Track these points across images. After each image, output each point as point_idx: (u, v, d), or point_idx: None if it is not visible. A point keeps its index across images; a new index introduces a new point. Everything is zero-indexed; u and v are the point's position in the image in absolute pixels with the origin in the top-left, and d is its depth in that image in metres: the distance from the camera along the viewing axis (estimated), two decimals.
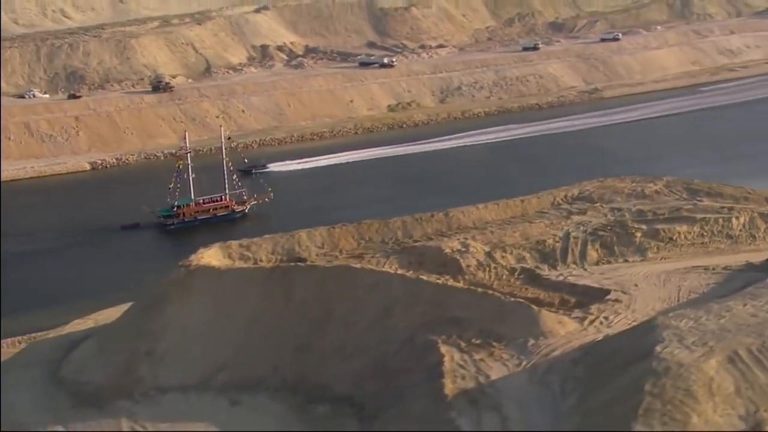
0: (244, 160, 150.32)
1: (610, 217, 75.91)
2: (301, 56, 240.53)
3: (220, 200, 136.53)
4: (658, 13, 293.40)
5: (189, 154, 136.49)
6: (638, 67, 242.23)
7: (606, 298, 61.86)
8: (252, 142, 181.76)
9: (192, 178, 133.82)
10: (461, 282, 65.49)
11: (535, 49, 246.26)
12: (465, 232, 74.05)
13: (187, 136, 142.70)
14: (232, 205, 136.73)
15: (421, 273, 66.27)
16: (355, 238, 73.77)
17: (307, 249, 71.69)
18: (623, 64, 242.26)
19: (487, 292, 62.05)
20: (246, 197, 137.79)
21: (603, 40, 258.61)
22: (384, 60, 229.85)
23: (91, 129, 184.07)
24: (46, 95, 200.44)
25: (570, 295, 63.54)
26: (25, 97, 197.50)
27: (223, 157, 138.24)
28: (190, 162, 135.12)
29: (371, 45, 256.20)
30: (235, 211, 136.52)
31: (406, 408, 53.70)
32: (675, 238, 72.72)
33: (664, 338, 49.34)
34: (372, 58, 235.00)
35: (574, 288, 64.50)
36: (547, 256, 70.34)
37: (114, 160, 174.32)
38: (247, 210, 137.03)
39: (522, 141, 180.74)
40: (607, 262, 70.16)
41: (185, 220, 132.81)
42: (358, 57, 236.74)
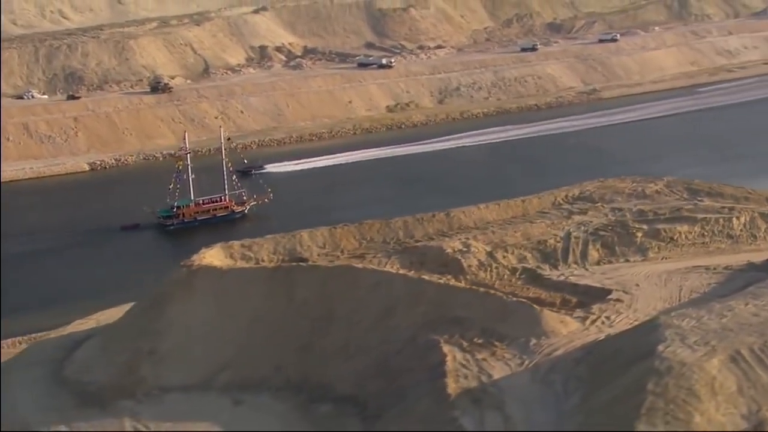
0: (244, 161, 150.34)
1: (611, 217, 75.87)
2: (299, 57, 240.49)
3: (220, 201, 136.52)
4: (655, 14, 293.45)
5: (188, 155, 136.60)
6: (636, 68, 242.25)
7: (607, 298, 61.82)
8: (251, 143, 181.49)
9: (192, 179, 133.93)
10: (463, 282, 65.44)
11: (533, 49, 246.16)
12: (466, 232, 73.97)
13: (186, 136, 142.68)
14: (231, 206, 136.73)
15: (422, 273, 66.18)
16: (356, 238, 73.72)
17: (308, 249, 71.67)
18: (621, 65, 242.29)
19: (489, 292, 62.05)
20: (245, 198, 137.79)
21: (601, 40, 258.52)
22: (382, 61, 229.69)
23: (90, 130, 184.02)
24: (45, 96, 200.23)
25: (571, 294, 63.53)
26: (24, 98, 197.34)
27: (223, 158, 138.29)
28: (189, 162, 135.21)
29: (370, 46, 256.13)
30: (234, 211, 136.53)
31: (409, 407, 53.72)
32: (676, 238, 72.72)
33: (666, 337, 49.43)
34: (370, 58, 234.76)
35: (576, 288, 64.46)
36: (549, 256, 70.31)
37: (113, 161, 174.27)
38: (246, 210, 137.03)
39: (520, 141, 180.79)
40: (609, 262, 70.10)
41: (185, 221, 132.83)
42: (357, 58, 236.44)
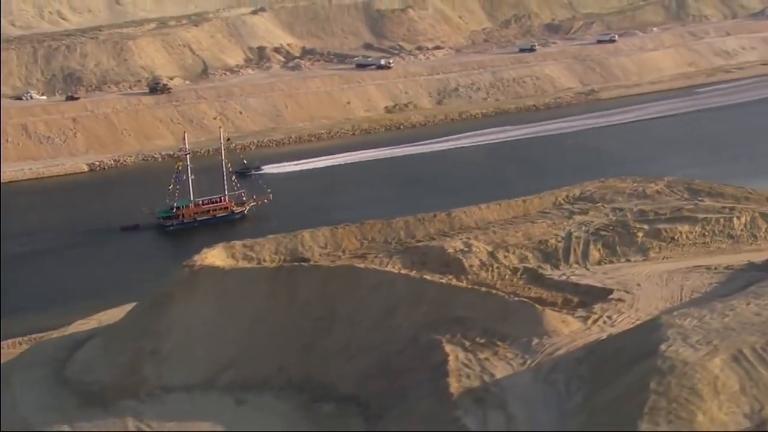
0: (243, 161, 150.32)
1: (612, 217, 75.90)
2: (298, 58, 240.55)
3: (220, 201, 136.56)
4: (653, 15, 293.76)
5: (188, 156, 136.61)
6: (634, 69, 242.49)
7: (609, 298, 61.87)
8: (250, 144, 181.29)
9: (191, 180, 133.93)
10: (464, 282, 65.45)
11: (531, 50, 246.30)
12: (467, 232, 74.00)
13: (186, 137, 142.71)
14: (231, 207, 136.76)
15: (424, 273, 66.19)
16: (357, 238, 73.74)
17: (310, 249, 71.69)
18: (619, 66, 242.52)
19: (490, 292, 62.08)
20: (245, 198, 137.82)
21: (599, 41, 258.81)
22: (381, 61, 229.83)
23: (89, 131, 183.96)
24: (44, 97, 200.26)
25: (573, 294, 63.55)
26: (23, 98, 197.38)
27: (222, 159, 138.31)
28: (189, 163, 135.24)
29: (368, 47, 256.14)
30: (234, 212, 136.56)
31: (412, 407, 53.80)
32: (677, 237, 72.77)
33: (668, 337, 49.51)
34: (369, 59, 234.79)
35: (577, 287, 64.49)
36: (550, 256, 70.36)
37: (112, 162, 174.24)
38: (246, 211, 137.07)
39: (519, 142, 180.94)
40: (610, 262, 70.14)
41: (184, 222, 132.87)
42: (355, 58, 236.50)
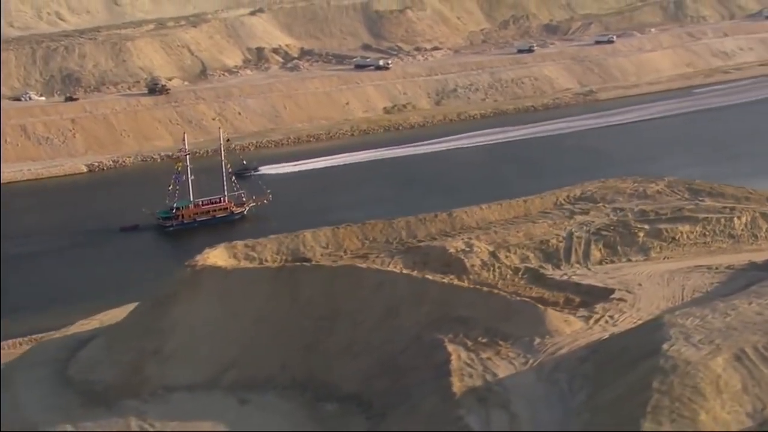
0: (243, 162, 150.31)
1: (613, 217, 76.05)
2: (296, 59, 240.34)
3: (219, 202, 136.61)
4: (651, 16, 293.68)
5: (188, 157, 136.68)
6: (633, 69, 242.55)
7: (611, 297, 62.06)
8: (248, 144, 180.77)
9: (191, 180, 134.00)
10: (466, 282, 65.56)
11: (530, 51, 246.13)
12: (469, 232, 74.12)
13: (186, 138, 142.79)
14: (230, 207, 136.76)
15: (425, 273, 66.28)
16: (359, 239, 73.87)
17: (311, 249, 71.82)
18: (618, 67, 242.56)
19: (492, 292, 62.23)
20: (245, 199, 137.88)
21: (597, 42, 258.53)
22: (379, 62, 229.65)
23: (88, 131, 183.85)
24: (42, 98, 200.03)
25: (574, 294, 63.73)
26: (21, 99, 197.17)
27: (222, 159, 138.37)
28: (189, 164, 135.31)
29: (366, 47, 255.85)
30: (233, 212, 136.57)
31: (415, 406, 53.93)
32: (678, 237, 72.95)
33: (671, 336, 49.70)
34: (367, 60, 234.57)
35: (579, 287, 64.66)
36: (551, 256, 70.52)
37: (111, 163, 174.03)
38: (245, 212, 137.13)
39: (518, 143, 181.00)
40: (611, 262, 70.34)
41: (184, 222, 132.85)
42: (354, 59, 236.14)
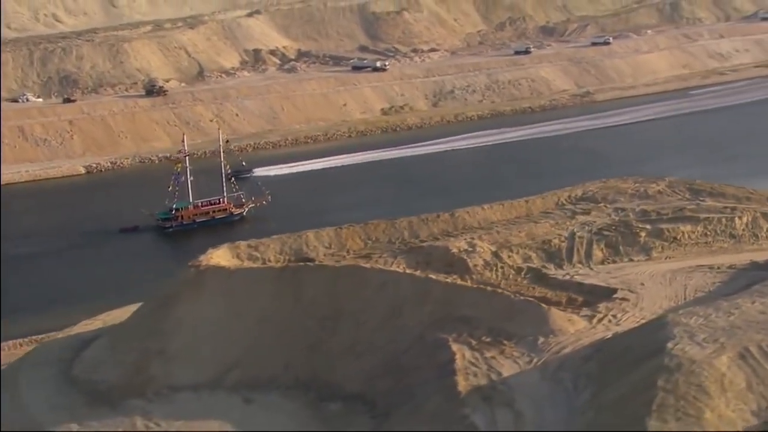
0: (242, 164, 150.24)
1: (614, 217, 76.11)
2: (293, 60, 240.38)
3: (219, 203, 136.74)
4: (647, 17, 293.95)
5: (187, 158, 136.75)
6: (629, 71, 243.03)
7: (613, 297, 62.12)
8: (246, 146, 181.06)
9: (190, 181, 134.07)
10: (468, 281, 65.56)
11: (526, 52, 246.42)
12: (471, 232, 74.17)
13: (185, 139, 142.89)
14: (230, 208, 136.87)
15: (428, 273, 66.31)
16: (362, 239, 73.96)
17: (314, 249, 71.90)
18: (614, 68, 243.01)
19: (496, 291, 62.32)
20: (244, 200, 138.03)
21: (594, 43, 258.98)
22: (377, 64, 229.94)
23: (86, 133, 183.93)
24: (40, 99, 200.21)
25: (577, 293, 63.80)
26: (19, 101, 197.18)
27: (221, 161, 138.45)
28: (188, 165, 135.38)
29: (363, 49, 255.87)
30: (233, 213, 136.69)
31: (420, 405, 54.00)
32: (679, 237, 73.02)
33: (675, 335, 49.71)
34: (365, 61, 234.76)
35: (581, 287, 64.72)
36: (553, 256, 70.59)
37: (109, 164, 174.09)
38: (244, 213, 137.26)
39: (515, 144, 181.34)
40: (613, 262, 70.37)
41: (183, 223, 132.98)
42: (351, 61, 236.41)
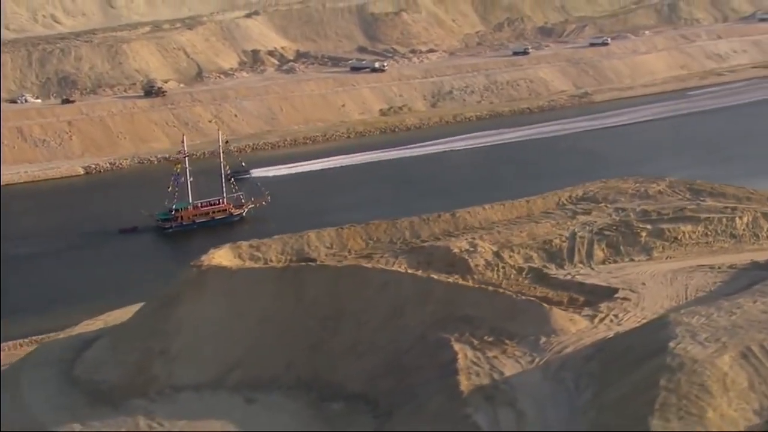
0: (242, 164, 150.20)
1: (615, 217, 76.13)
2: (292, 61, 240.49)
3: (218, 204, 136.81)
4: (645, 18, 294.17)
5: (186, 158, 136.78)
6: (627, 72, 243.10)
7: (615, 297, 62.19)
8: (245, 146, 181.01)
9: (189, 182, 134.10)
10: (470, 281, 65.61)
11: (525, 53, 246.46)
12: (472, 233, 74.19)
13: (185, 140, 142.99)
14: (229, 209, 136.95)
15: (430, 273, 66.35)
16: (363, 239, 73.98)
17: (316, 249, 71.91)
18: (613, 69, 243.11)
19: (498, 291, 62.40)
20: (243, 201, 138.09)
21: (592, 44, 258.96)
22: (375, 64, 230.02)
23: (84, 134, 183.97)
24: (38, 100, 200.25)
25: (578, 293, 63.82)
26: (17, 102, 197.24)
27: (221, 161, 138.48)
28: (187, 166, 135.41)
29: (362, 50, 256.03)
30: (232, 214, 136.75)
31: (422, 405, 54.08)
32: (680, 237, 73.06)
33: (677, 334, 49.81)
34: (363, 62, 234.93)
35: (582, 287, 64.76)
36: (554, 256, 70.61)
37: (108, 165, 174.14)
38: (244, 213, 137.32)
39: (513, 145, 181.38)
40: (614, 262, 70.41)
41: (183, 224, 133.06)
42: (350, 61, 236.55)
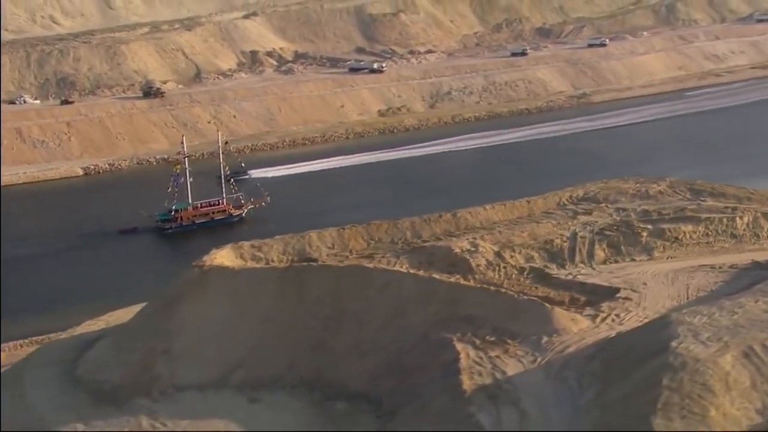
0: (241, 165, 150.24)
1: (616, 217, 76.19)
2: (290, 62, 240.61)
3: (218, 204, 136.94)
4: (643, 19, 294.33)
5: (186, 159, 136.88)
6: (626, 72, 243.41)
7: (616, 296, 62.31)
8: (244, 147, 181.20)
9: (189, 183, 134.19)
10: (471, 281, 65.68)
11: (523, 54, 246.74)
12: (473, 232, 74.27)
13: (184, 140, 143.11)
14: (229, 209, 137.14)
15: (431, 273, 66.43)
16: (364, 239, 74.03)
17: (317, 249, 71.97)
18: (611, 69, 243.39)
19: (500, 291, 62.48)
20: (243, 201, 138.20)
21: (590, 45, 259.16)
22: (374, 65, 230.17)
23: (83, 134, 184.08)
24: (37, 101, 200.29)
25: (580, 293, 63.91)
26: (16, 102, 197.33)
27: (221, 162, 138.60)
28: (187, 166, 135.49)
29: (360, 50, 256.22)
30: (232, 215, 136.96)
31: (425, 404, 54.17)
32: (680, 237, 73.15)
33: (679, 334, 49.95)
34: (362, 63, 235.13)
35: (584, 286, 64.84)
36: (555, 256, 70.67)
37: (107, 166, 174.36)
38: (244, 214, 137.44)
39: (512, 145, 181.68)
40: (615, 261, 70.47)
41: (183, 224, 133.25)
42: (348, 62, 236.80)
